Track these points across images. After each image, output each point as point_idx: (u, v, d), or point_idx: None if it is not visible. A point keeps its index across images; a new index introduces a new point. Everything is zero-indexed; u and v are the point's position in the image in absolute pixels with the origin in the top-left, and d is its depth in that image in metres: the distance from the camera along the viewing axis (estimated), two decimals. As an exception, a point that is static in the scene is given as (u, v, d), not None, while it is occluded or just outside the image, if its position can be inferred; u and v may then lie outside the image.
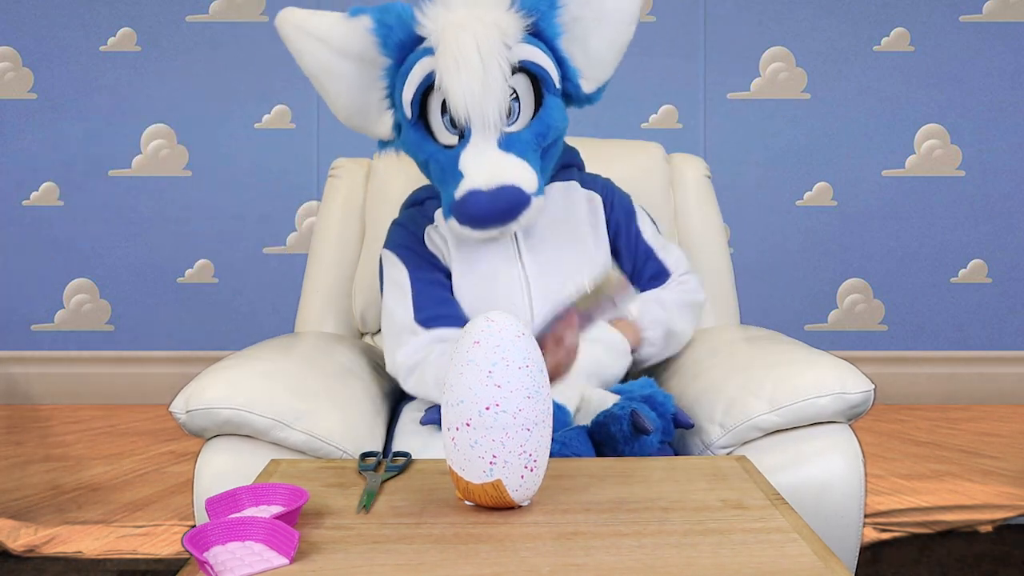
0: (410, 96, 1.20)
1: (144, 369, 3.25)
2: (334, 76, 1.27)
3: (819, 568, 0.70)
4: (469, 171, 1.18)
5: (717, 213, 1.70)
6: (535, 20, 1.21)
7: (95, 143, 3.23)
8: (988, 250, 3.25)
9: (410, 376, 1.23)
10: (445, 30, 1.17)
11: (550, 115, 1.23)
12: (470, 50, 1.15)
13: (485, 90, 1.15)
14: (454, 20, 1.17)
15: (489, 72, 1.15)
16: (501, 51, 1.16)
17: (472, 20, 1.16)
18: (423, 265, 1.30)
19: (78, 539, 1.69)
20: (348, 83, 1.27)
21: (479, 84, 1.14)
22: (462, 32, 1.15)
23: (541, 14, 1.21)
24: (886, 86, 3.23)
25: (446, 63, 1.15)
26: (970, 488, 1.98)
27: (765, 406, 1.12)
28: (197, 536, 0.72)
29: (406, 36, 1.22)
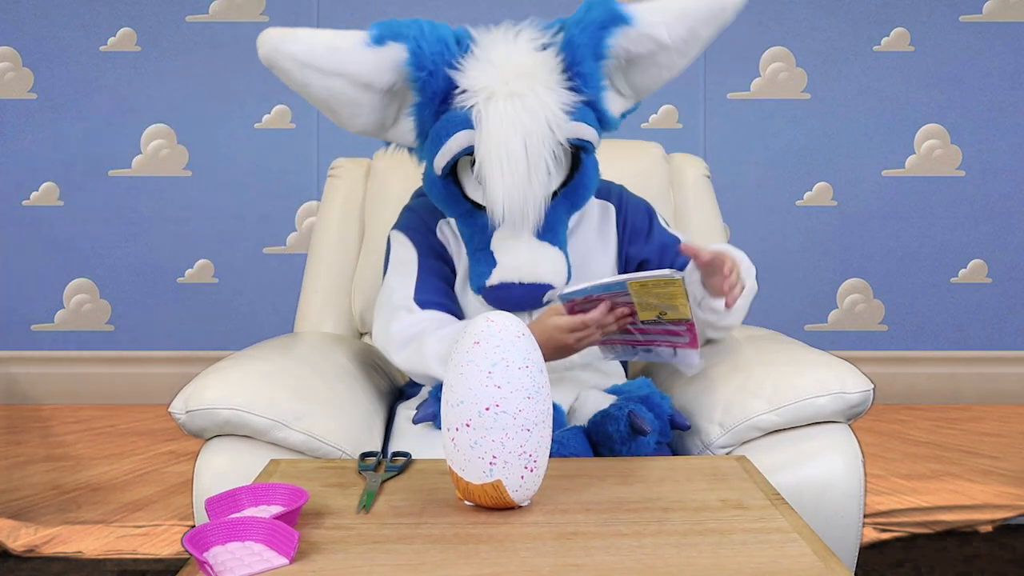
0: (443, 163, 1.15)
1: (144, 369, 3.25)
2: (352, 104, 1.17)
3: (819, 568, 0.70)
4: (503, 260, 1.16)
5: (717, 213, 1.70)
6: (580, 67, 1.14)
7: (95, 143, 3.23)
8: (988, 250, 3.25)
9: (403, 349, 1.21)
10: (490, 115, 1.10)
11: (586, 176, 1.20)
12: (517, 153, 1.09)
13: (527, 196, 1.11)
14: (500, 97, 1.10)
15: (534, 178, 1.11)
16: (549, 146, 1.11)
17: (520, 111, 1.09)
18: (431, 254, 1.28)
19: (78, 539, 1.69)
20: (368, 110, 1.18)
21: (521, 191, 1.10)
22: (512, 133, 1.09)
23: (585, 62, 1.14)
24: (886, 86, 3.23)
25: (489, 160, 1.10)
26: (970, 488, 1.98)
27: (764, 406, 1.12)
28: (197, 536, 0.72)
29: (445, 85, 1.13)
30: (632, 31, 1.15)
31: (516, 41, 1.15)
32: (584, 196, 1.22)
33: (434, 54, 1.12)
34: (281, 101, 3.21)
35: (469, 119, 1.12)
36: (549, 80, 1.13)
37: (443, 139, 1.14)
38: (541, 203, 1.13)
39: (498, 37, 1.16)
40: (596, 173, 1.23)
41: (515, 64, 1.12)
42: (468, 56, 1.14)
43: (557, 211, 1.18)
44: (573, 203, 1.21)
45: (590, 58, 1.15)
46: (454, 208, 1.21)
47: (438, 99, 1.14)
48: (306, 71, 1.12)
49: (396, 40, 1.13)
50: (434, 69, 1.12)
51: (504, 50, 1.14)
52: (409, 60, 1.12)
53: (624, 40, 1.16)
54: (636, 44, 1.16)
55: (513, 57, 1.13)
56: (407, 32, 1.13)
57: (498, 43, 1.15)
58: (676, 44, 1.17)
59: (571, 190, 1.19)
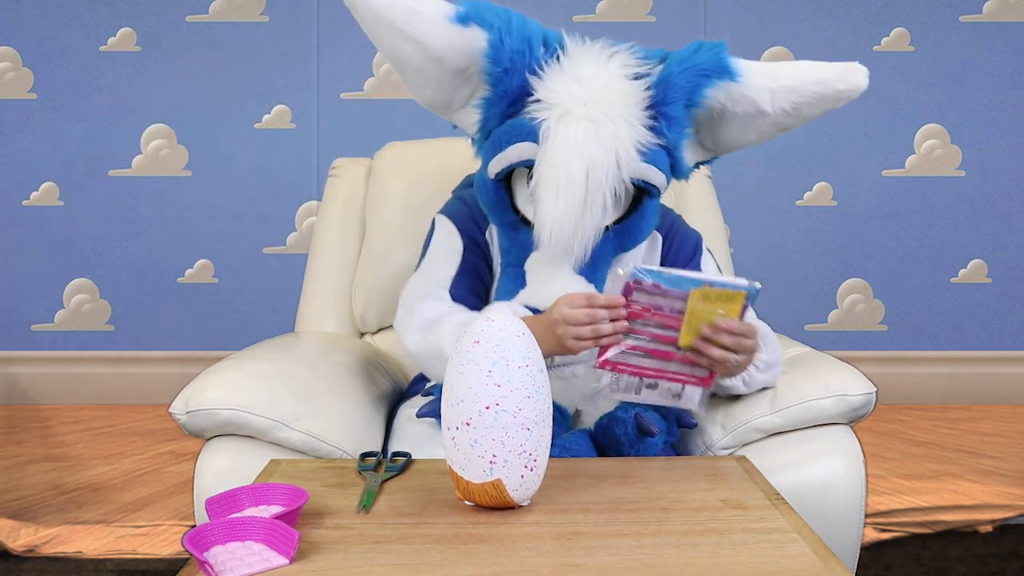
0: (499, 168, 1.09)
1: (144, 369, 3.25)
2: (419, 73, 1.11)
3: (819, 568, 0.70)
4: (533, 284, 1.10)
5: (717, 213, 1.71)
6: (668, 108, 1.07)
7: (95, 143, 3.23)
8: (988, 250, 3.25)
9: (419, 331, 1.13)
10: (558, 135, 1.03)
11: (643, 219, 1.12)
12: (578, 181, 1.03)
13: (578, 228, 1.05)
14: (573, 117, 1.04)
15: (588, 211, 1.04)
16: (612, 181, 1.04)
17: (591, 138, 1.03)
18: (476, 251, 1.21)
19: (78, 539, 1.69)
20: (436, 84, 1.12)
21: (573, 221, 1.04)
22: (576, 159, 1.02)
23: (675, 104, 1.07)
24: (886, 86, 3.23)
25: (546, 180, 1.04)
26: (970, 488, 1.98)
27: (766, 408, 1.12)
28: (197, 536, 0.72)
29: (519, 88, 1.07)
30: (735, 88, 1.08)
31: (608, 63, 1.08)
32: (636, 239, 1.14)
33: (514, 52, 1.06)
34: (281, 101, 3.21)
35: (536, 131, 1.05)
36: (631, 113, 1.06)
37: (503, 145, 1.08)
38: (591, 237, 1.07)
39: (590, 53, 1.09)
40: (655, 218, 1.16)
41: (599, 87, 1.05)
42: (552, 64, 1.07)
43: (604, 247, 1.11)
44: (622, 243, 1.13)
45: (681, 101, 1.08)
46: (500, 216, 1.14)
47: (508, 100, 1.08)
48: (380, 26, 1.07)
49: (480, 25, 1.06)
50: (511, 67, 1.06)
51: (593, 69, 1.07)
52: (487, 51, 1.06)
53: (723, 95, 1.09)
54: (735, 103, 1.09)
55: (600, 79, 1.06)
56: (493, 20, 1.06)
57: (588, 59, 1.08)
58: (776, 115, 1.10)
59: (623, 229, 1.12)
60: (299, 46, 3.20)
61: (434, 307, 1.14)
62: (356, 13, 1.08)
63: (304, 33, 3.20)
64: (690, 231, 1.28)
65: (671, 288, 1.00)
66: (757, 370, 1.09)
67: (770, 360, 1.10)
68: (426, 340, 1.13)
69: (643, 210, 1.12)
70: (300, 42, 3.20)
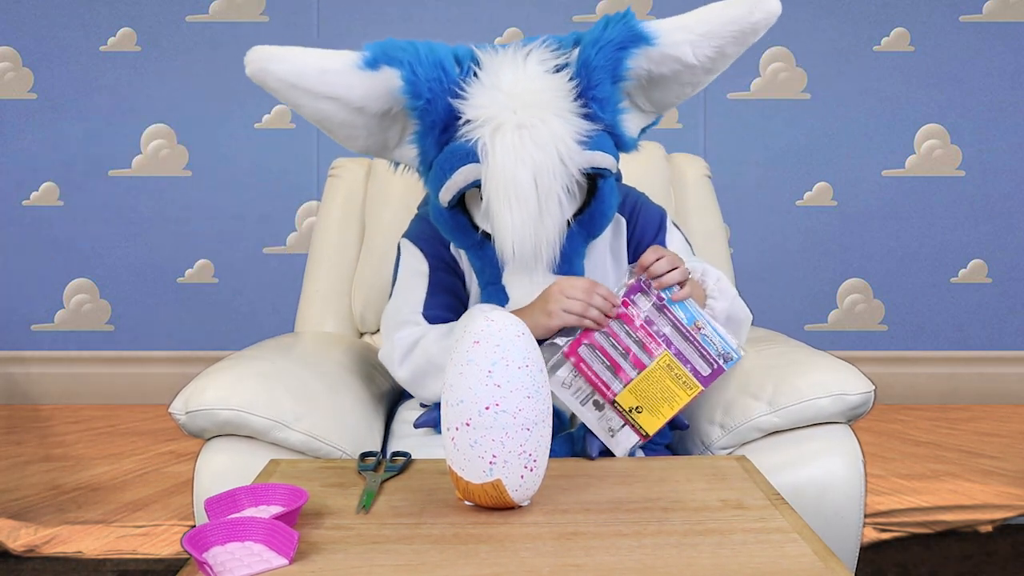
0: (449, 197, 1.08)
1: (144, 369, 3.25)
2: (346, 126, 1.12)
3: (819, 568, 0.70)
4: (515, 295, 1.11)
5: (717, 213, 1.70)
6: (596, 91, 1.07)
7: (95, 143, 3.23)
8: (988, 250, 3.25)
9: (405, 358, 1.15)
10: (497, 149, 1.03)
11: (604, 203, 1.12)
12: (527, 190, 1.03)
13: (539, 234, 1.05)
14: (507, 128, 1.03)
15: (546, 215, 1.04)
16: (561, 180, 1.04)
17: (529, 144, 1.02)
18: (443, 267, 1.22)
19: (78, 539, 1.69)
20: (365, 132, 1.13)
21: (532, 229, 1.04)
22: (520, 168, 1.02)
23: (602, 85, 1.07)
24: (886, 86, 3.23)
25: (497, 196, 1.03)
26: (970, 488, 1.98)
27: (765, 407, 1.12)
28: (197, 536, 0.72)
29: (446, 114, 1.06)
30: (654, 51, 1.07)
31: (525, 64, 1.07)
32: (602, 224, 1.13)
33: (431, 80, 1.05)
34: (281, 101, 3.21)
35: (474, 152, 1.04)
36: (561, 108, 1.05)
37: (448, 173, 1.06)
38: (555, 240, 1.07)
39: (505, 59, 1.08)
40: (615, 198, 1.15)
41: (523, 91, 1.05)
42: (472, 81, 1.06)
43: (573, 242, 1.11)
44: (590, 232, 1.13)
45: (607, 81, 1.07)
46: (463, 240, 1.13)
47: (439, 128, 1.08)
48: (295, 92, 1.08)
49: (390, 64, 1.06)
50: (432, 97, 1.05)
51: (512, 75, 1.06)
52: (404, 88, 1.06)
53: (645, 61, 1.08)
54: (659, 65, 1.09)
55: (522, 83, 1.05)
56: (401, 56, 1.06)
57: (505, 66, 1.07)
58: (703, 63, 1.09)
59: (587, 219, 1.12)
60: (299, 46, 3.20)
61: (411, 332, 1.16)
62: (267, 87, 1.09)
63: (304, 33, 3.20)
64: (654, 208, 1.28)
65: (670, 306, 1.03)
66: (713, 299, 1.11)
67: (721, 288, 1.12)
68: (413, 362, 1.15)
69: (601, 194, 1.11)
70: (300, 42, 3.16)
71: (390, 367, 1.18)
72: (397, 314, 1.20)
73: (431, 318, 1.18)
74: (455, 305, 1.21)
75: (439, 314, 1.18)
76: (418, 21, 3.20)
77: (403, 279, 1.23)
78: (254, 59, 1.08)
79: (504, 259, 1.08)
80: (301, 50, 1.10)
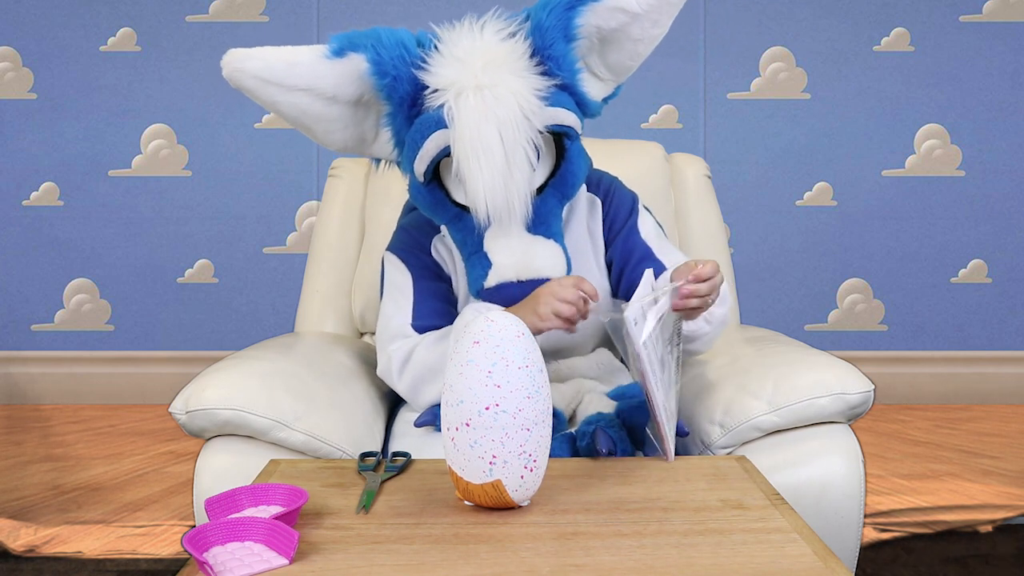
0: (423, 168, 1.12)
1: (144, 369, 3.25)
2: (322, 120, 1.16)
3: (819, 568, 0.70)
4: (497, 259, 1.12)
5: (717, 213, 1.70)
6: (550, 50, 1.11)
7: (95, 143, 3.23)
8: (988, 250, 3.25)
9: (402, 370, 1.19)
10: (461, 110, 1.07)
11: (573, 164, 1.15)
12: (493, 145, 1.06)
13: (510, 188, 1.08)
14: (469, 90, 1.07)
15: (515, 169, 1.07)
16: (526, 134, 1.08)
17: (491, 101, 1.06)
18: (427, 274, 1.25)
19: (78, 539, 1.69)
20: (341, 125, 1.17)
21: (502, 184, 1.07)
22: (485, 125, 1.06)
23: (555, 44, 1.11)
24: (886, 86, 3.23)
25: (465, 155, 1.07)
26: (970, 488, 1.98)
27: (765, 406, 1.12)
28: (197, 536, 0.72)
29: (412, 87, 1.11)
30: (600, 7, 1.12)
31: (482, 33, 1.11)
32: (574, 184, 1.16)
33: (394, 58, 1.10)
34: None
35: (442, 119, 1.08)
36: (518, 67, 1.10)
37: (419, 143, 1.11)
38: (525, 194, 1.10)
39: (463, 32, 1.12)
40: (584, 161, 1.18)
41: (481, 55, 1.09)
42: (433, 55, 1.11)
43: (547, 203, 1.14)
44: (564, 193, 1.16)
45: (560, 40, 1.11)
46: (442, 214, 1.16)
47: (407, 103, 1.12)
48: (269, 88, 1.12)
49: (354, 51, 1.11)
50: (397, 73, 1.10)
51: (469, 43, 1.10)
52: (370, 69, 1.10)
53: (593, 17, 1.12)
54: (606, 19, 1.12)
55: (479, 49, 1.10)
56: (364, 42, 1.11)
57: (463, 37, 1.12)
58: (647, 12, 1.12)
59: (559, 180, 1.15)
60: (299, 46, 3.20)
61: (403, 343, 1.20)
62: (242, 87, 1.13)
63: (304, 33, 3.20)
64: (626, 192, 1.31)
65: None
66: (716, 305, 1.11)
67: (723, 293, 1.13)
68: (410, 372, 1.18)
69: (569, 155, 1.14)
70: (300, 42, 3.18)
71: (389, 380, 1.22)
72: (387, 329, 1.24)
73: (420, 328, 1.22)
74: (443, 310, 1.24)
75: (428, 323, 1.22)
76: (418, 21, 3.18)
77: (389, 293, 1.27)
78: (228, 61, 1.12)
79: (479, 218, 1.11)
80: (272, 48, 1.13)
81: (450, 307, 1.24)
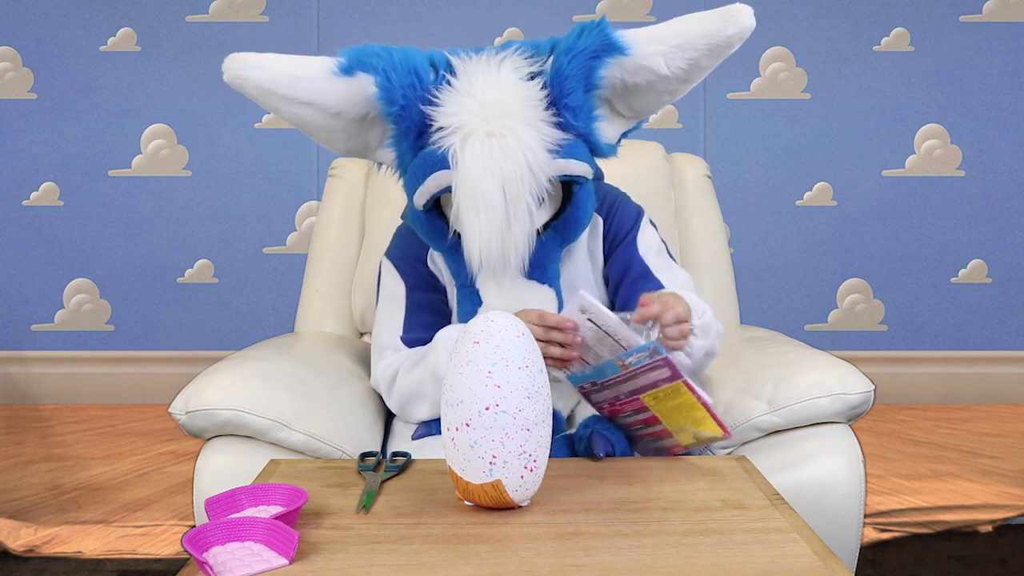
0: (423, 201, 1.09)
1: (144, 369, 3.25)
2: (325, 130, 1.13)
3: (819, 568, 0.70)
4: (488, 299, 1.12)
5: (717, 213, 1.70)
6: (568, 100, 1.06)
7: (95, 143, 3.23)
8: (988, 250, 3.25)
9: (391, 388, 1.19)
10: (466, 157, 1.03)
11: (579, 210, 1.11)
12: (495, 199, 1.02)
13: (507, 242, 1.05)
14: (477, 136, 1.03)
15: (514, 223, 1.04)
16: (530, 189, 1.04)
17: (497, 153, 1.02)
18: (421, 284, 1.23)
19: (78, 539, 1.69)
20: (344, 136, 1.14)
21: (499, 237, 1.04)
22: (488, 177, 1.02)
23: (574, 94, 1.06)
24: (886, 86, 3.23)
25: (465, 204, 1.03)
26: (970, 488, 1.98)
27: (765, 407, 1.12)
28: (197, 536, 0.72)
29: (420, 119, 1.07)
30: (628, 61, 1.07)
31: (499, 71, 1.06)
32: (576, 230, 1.13)
33: (405, 87, 1.06)
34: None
35: (446, 158, 1.05)
36: (533, 116, 1.05)
37: (420, 179, 1.07)
38: (523, 247, 1.06)
39: (479, 66, 1.07)
40: (590, 205, 1.14)
41: (495, 99, 1.04)
42: (445, 88, 1.06)
43: (547, 247, 1.11)
44: (564, 237, 1.12)
45: (579, 90, 1.07)
46: (440, 242, 1.13)
47: (414, 133, 1.08)
48: (271, 98, 1.09)
49: (364, 71, 1.06)
50: (406, 103, 1.06)
51: (484, 81, 1.06)
52: (379, 94, 1.06)
53: (619, 70, 1.07)
54: (632, 75, 1.08)
55: (494, 90, 1.05)
56: (376, 63, 1.06)
57: (479, 73, 1.06)
58: (676, 74, 1.08)
59: (562, 224, 1.11)
60: (299, 46, 3.20)
61: (390, 362, 1.19)
62: (246, 93, 1.10)
63: (304, 33, 3.20)
64: (631, 206, 1.26)
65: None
66: (696, 337, 1.08)
67: (704, 324, 1.09)
68: (397, 394, 1.18)
69: (576, 201, 1.11)
70: (300, 42, 3.20)
71: (382, 394, 1.23)
72: (379, 337, 1.23)
73: (409, 341, 1.20)
74: (434, 322, 1.21)
75: (418, 336, 1.20)
76: (418, 21, 3.20)
77: (383, 302, 1.26)
78: (231, 66, 1.09)
79: (472, 266, 1.08)
80: (277, 57, 1.10)
81: (441, 319, 1.22)
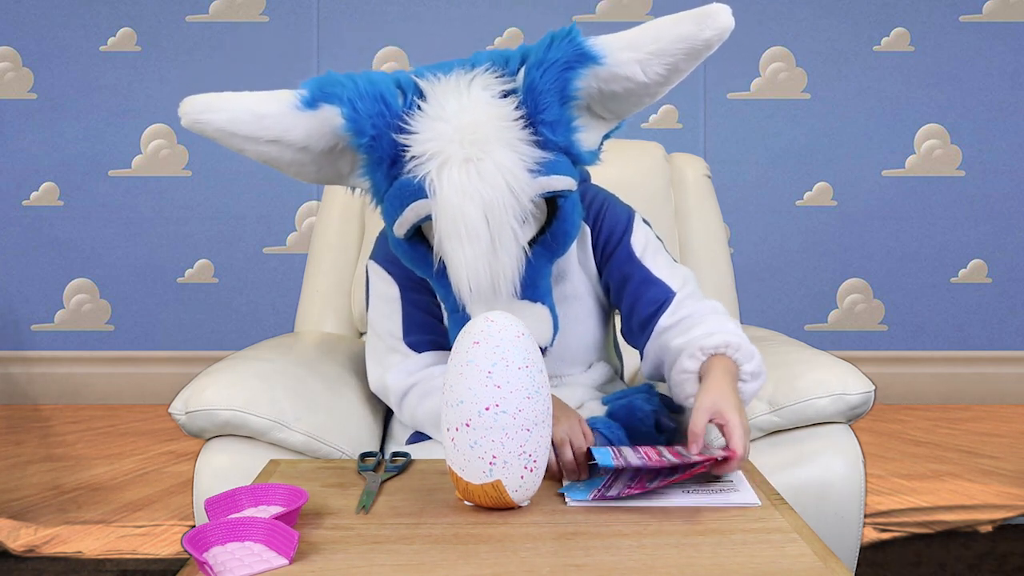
0: (403, 232, 1.04)
1: (144, 369, 3.25)
2: (294, 164, 1.08)
3: (819, 568, 0.70)
4: None
5: (717, 213, 1.70)
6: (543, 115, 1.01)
7: (95, 143, 3.23)
8: (988, 250, 3.25)
9: (403, 400, 1.16)
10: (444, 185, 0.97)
11: (566, 222, 1.06)
12: (478, 227, 0.98)
13: (495, 269, 1.00)
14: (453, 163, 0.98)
15: (500, 250, 0.99)
16: (514, 211, 0.99)
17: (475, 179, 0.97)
18: (414, 286, 1.18)
19: (78, 539, 1.69)
20: (314, 168, 1.09)
21: (487, 266, 1.00)
22: (469, 205, 0.97)
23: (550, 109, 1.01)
24: (886, 86, 3.23)
25: (447, 234, 0.99)
26: (970, 488, 1.98)
27: (765, 407, 1.12)
28: (197, 536, 0.72)
29: (392, 148, 1.01)
30: (603, 71, 1.02)
31: (470, 91, 1.01)
32: (565, 243, 1.07)
33: (373, 116, 1.00)
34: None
35: (423, 188, 0.99)
36: (510, 137, 1.00)
37: (398, 210, 1.02)
38: (512, 272, 1.01)
39: (448, 88, 1.02)
40: (577, 215, 1.08)
41: (469, 122, 0.99)
42: (415, 113, 1.01)
43: (536, 264, 1.05)
44: (553, 252, 1.07)
45: (555, 104, 1.02)
46: (425, 270, 1.08)
47: (387, 163, 1.02)
48: (234, 140, 1.04)
49: (328, 102, 1.01)
50: (376, 133, 1.01)
51: (456, 102, 1.00)
52: (346, 126, 1.01)
53: (594, 80, 1.02)
54: (608, 83, 1.03)
55: (467, 113, 0.99)
56: (340, 92, 1.01)
57: (449, 95, 1.01)
58: (655, 80, 1.03)
59: (549, 239, 1.06)
60: (299, 46, 3.20)
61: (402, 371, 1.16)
62: (208, 136, 1.04)
63: (304, 33, 3.20)
64: (620, 208, 1.21)
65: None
66: (744, 383, 1.05)
67: (755, 370, 1.05)
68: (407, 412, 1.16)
69: (562, 214, 1.06)
70: (300, 42, 3.20)
71: (386, 401, 1.19)
72: (379, 343, 1.19)
73: (413, 344, 1.17)
74: (432, 324, 1.18)
75: (421, 338, 1.17)
76: (418, 21, 3.20)
77: (376, 307, 1.21)
78: (188, 111, 1.03)
79: (462, 296, 1.03)
80: (236, 96, 1.04)
81: (437, 322, 1.18)
